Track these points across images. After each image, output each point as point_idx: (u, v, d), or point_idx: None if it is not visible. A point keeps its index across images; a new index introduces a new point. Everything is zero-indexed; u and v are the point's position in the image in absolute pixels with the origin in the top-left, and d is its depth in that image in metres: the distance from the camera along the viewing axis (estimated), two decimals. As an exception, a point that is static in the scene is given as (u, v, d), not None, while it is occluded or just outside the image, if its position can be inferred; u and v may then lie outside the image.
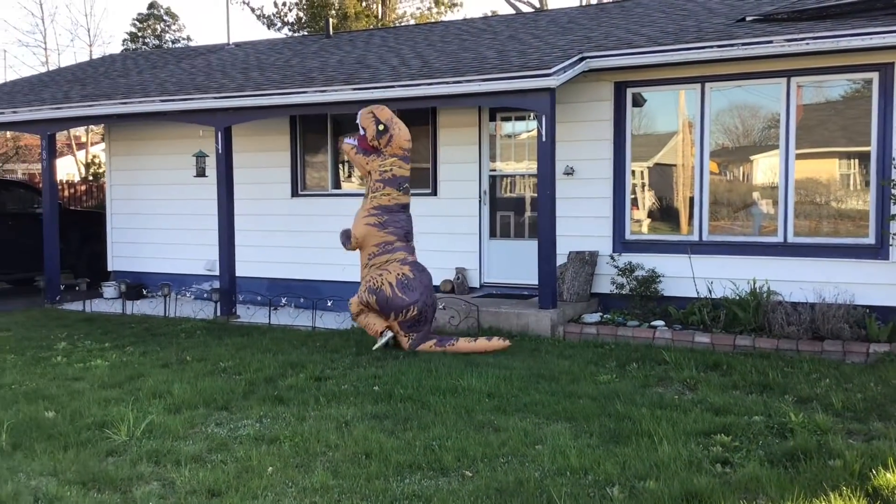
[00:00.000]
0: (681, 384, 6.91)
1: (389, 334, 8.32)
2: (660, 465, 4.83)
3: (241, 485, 4.60)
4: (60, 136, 22.90)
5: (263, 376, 7.23)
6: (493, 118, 11.00)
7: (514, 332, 9.08)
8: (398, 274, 8.28)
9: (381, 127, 8.38)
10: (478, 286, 10.93)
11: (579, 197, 10.23)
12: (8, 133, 20.95)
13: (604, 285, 10.05)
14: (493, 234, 11.00)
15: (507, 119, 11.07)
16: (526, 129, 11.02)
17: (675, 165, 10.13)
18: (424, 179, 11.33)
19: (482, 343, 8.23)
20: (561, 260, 9.94)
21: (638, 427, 5.56)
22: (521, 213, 10.94)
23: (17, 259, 13.55)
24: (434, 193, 11.20)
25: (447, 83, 9.54)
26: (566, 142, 10.14)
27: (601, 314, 9.60)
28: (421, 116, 11.23)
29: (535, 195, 10.03)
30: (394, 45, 12.92)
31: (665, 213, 10.23)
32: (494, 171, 11.01)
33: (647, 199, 10.29)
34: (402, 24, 29.78)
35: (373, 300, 8.29)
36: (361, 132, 8.52)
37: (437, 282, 10.95)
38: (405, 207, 8.60)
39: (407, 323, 8.28)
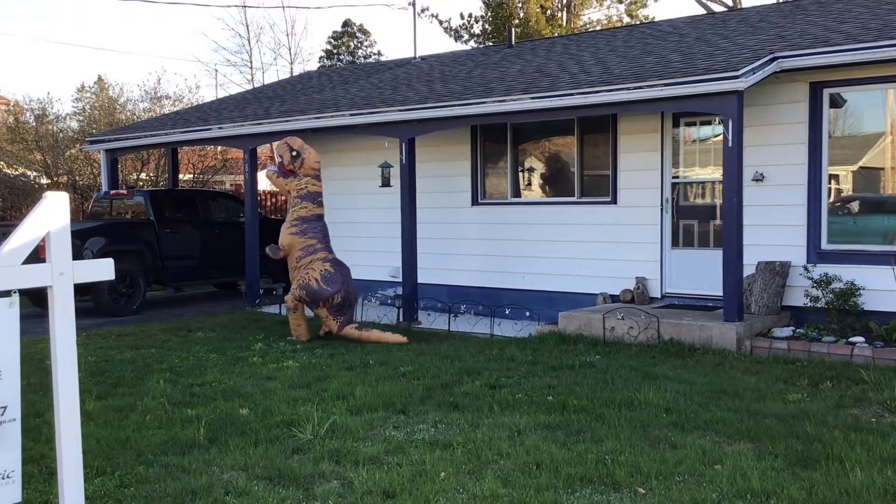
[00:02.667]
0: (880, 406, 6.40)
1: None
2: (850, 493, 4.49)
3: (414, 488, 4.72)
4: (264, 149, 24.46)
5: (440, 382, 7.39)
6: (676, 123, 10.68)
7: (696, 345, 8.76)
8: (321, 270, 9.81)
9: (293, 153, 10.02)
10: (658, 296, 10.64)
11: (769, 204, 9.72)
12: (218, 147, 22.66)
13: (796, 298, 9.49)
14: (675, 243, 10.67)
15: (692, 124, 10.71)
16: (711, 133, 10.61)
17: (882, 169, 9.41)
18: (604, 188, 11.18)
19: (387, 335, 9.74)
20: (749, 270, 9.48)
21: (829, 451, 5.21)
22: (705, 221, 10.54)
23: (223, 264, 14.60)
24: (614, 202, 11.02)
25: (627, 89, 9.36)
26: (755, 147, 9.67)
27: (793, 328, 9.06)
28: (600, 123, 11.09)
29: (721, 202, 9.63)
30: (575, 53, 12.85)
31: (868, 221, 9.52)
32: (677, 177, 10.68)
33: (849, 206, 9.61)
34: (586, 30, 29.53)
35: (304, 294, 9.78)
36: (279, 159, 10.08)
37: (616, 291, 10.78)
38: (320, 217, 10.18)
39: (333, 309, 9.80)
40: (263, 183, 29.39)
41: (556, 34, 27.77)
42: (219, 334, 10.39)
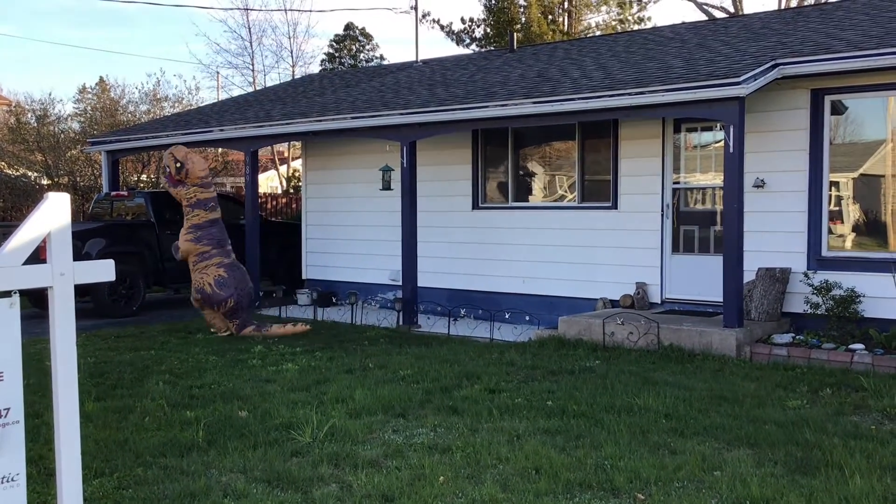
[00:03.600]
0: (880, 413, 6.40)
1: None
2: (850, 500, 4.49)
3: (413, 492, 4.72)
4: (265, 152, 24.50)
5: (440, 386, 7.38)
6: (677, 129, 10.69)
7: (696, 350, 8.76)
8: (215, 276, 10.18)
9: (178, 164, 10.26)
10: (659, 302, 10.63)
11: (770, 211, 9.72)
12: (218, 149, 22.68)
13: (796, 304, 9.49)
14: (675, 249, 10.67)
15: (693, 130, 10.72)
16: (713, 139, 10.62)
17: (882, 176, 9.42)
18: (604, 193, 11.18)
19: (289, 328, 10.36)
20: (749, 277, 9.48)
21: (828, 458, 5.21)
22: (706, 227, 10.54)
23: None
24: (614, 207, 11.02)
25: (629, 94, 9.37)
26: (756, 153, 9.67)
27: (793, 335, 9.06)
28: (602, 128, 11.10)
29: (722, 208, 9.64)
30: (576, 58, 12.86)
31: (868, 228, 9.53)
32: (678, 183, 10.68)
33: (849, 213, 9.62)
34: (588, 35, 29.55)
35: (199, 298, 10.19)
36: (167, 170, 10.44)
37: (616, 296, 10.77)
38: (214, 222, 10.45)
39: (228, 312, 10.18)
40: (264, 185, 29.42)
41: (558, 39, 27.81)
42: (218, 336, 10.38)
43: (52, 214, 3.11)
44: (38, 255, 3.09)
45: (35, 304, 12.81)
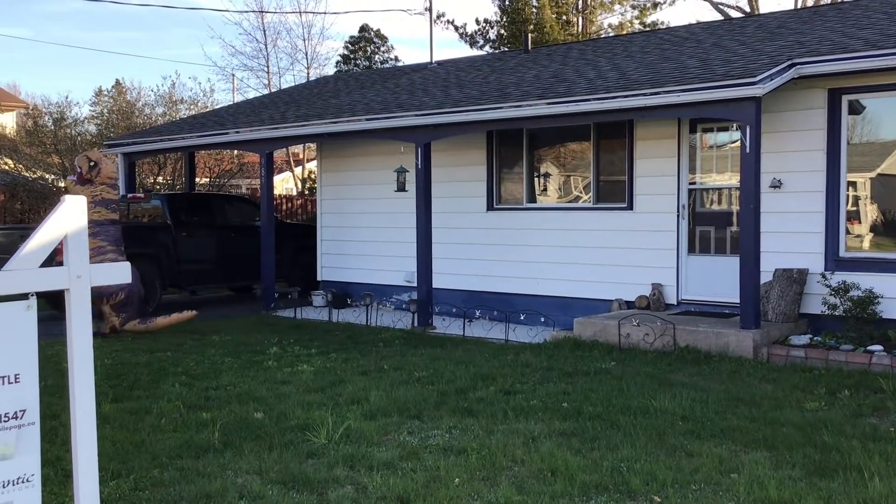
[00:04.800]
0: (899, 416, 6.34)
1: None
2: (869, 503, 4.45)
3: (428, 494, 4.71)
4: (280, 153, 24.61)
5: (455, 387, 7.37)
6: (693, 129, 10.64)
7: (712, 352, 8.71)
8: None
9: (91, 164, 10.85)
10: (674, 303, 10.58)
11: (787, 211, 9.66)
12: (234, 151, 22.78)
13: (813, 305, 9.42)
14: (691, 250, 10.61)
15: (709, 130, 10.66)
16: (729, 140, 10.56)
17: (900, 176, 9.34)
18: (619, 193, 11.14)
19: (174, 317, 10.89)
20: (766, 277, 9.42)
21: (846, 460, 5.16)
22: (722, 227, 10.48)
23: (239, 268, 14.65)
24: (630, 207, 10.98)
25: (644, 95, 9.33)
26: (773, 153, 9.61)
27: (810, 336, 8.99)
28: (617, 129, 11.06)
29: (738, 209, 9.58)
30: (591, 58, 12.82)
31: (886, 228, 9.45)
32: (694, 184, 10.63)
33: (867, 213, 9.55)
34: (602, 36, 29.48)
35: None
36: (78, 170, 10.99)
37: (631, 297, 10.73)
38: (114, 222, 11.01)
39: (116, 305, 10.56)
40: (279, 187, 29.50)
41: (571, 39, 27.75)
42: (234, 338, 10.41)
43: (69, 217, 3.12)
44: (54, 258, 3.10)
45: (52, 305, 12.89)
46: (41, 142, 20.77)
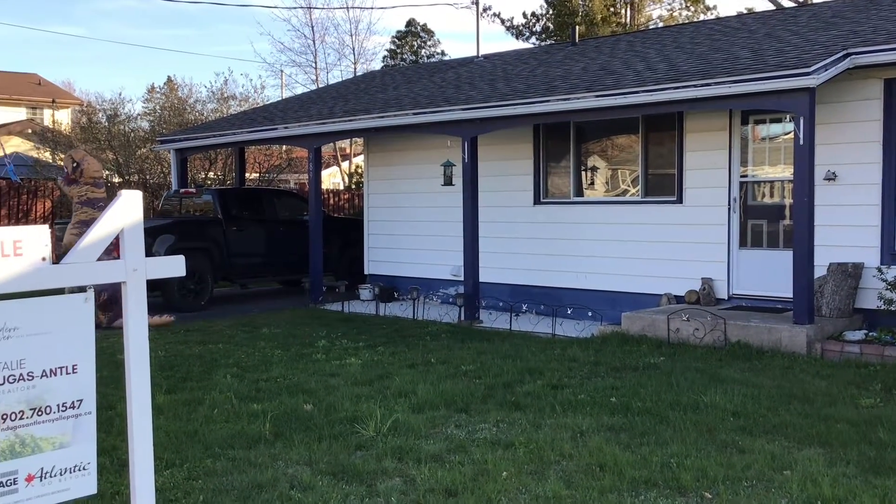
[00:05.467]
0: (959, 414, 6.17)
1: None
2: (928, 504, 4.35)
3: (476, 487, 4.72)
4: (327, 148, 24.73)
5: (502, 381, 7.37)
6: (745, 121, 10.47)
7: (764, 347, 8.57)
8: None
9: (74, 164, 10.93)
10: (725, 297, 10.43)
11: (841, 204, 9.46)
12: (283, 146, 23.02)
13: (869, 300, 9.21)
14: (743, 244, 10.45)
15: (761, 121, 10.48)
16: (782, 131, 10.37)
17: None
18: (669, 187, 11.01)
19: (154, 319, 10.54)
20: (820, 272, 9.24)
21: (904, 459, 5.05)
22: (774, 221, 10.30)
23: (287, 262, 14.82)
24: (679, 201, 10.85)
25: (695, 86, 9.21)
26: (827, 145, 9.42)
27: (865, 332, 8.80)
28: (666, 121, 10.93)
29: (791, 202, 9.41)
30: (640, 50, 12.68)
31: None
32: (745, 176, 10.46)
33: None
34: (651, 27, 29.13)
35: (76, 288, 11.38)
36: (64, 171, 11.21)
37: (681, 292, 10.61)
38: None
39: (101, 305, 10.57)
40: (326, 182, 29.73)
41: (619, 31, 27.47)
42: (283, 331, 10.54)
43: (126, 211, 3.18)
44: (110, 251, 3.17)
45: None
46: (95, 138, 21.21)
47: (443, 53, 37.01)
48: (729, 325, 8.87)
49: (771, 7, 25.91)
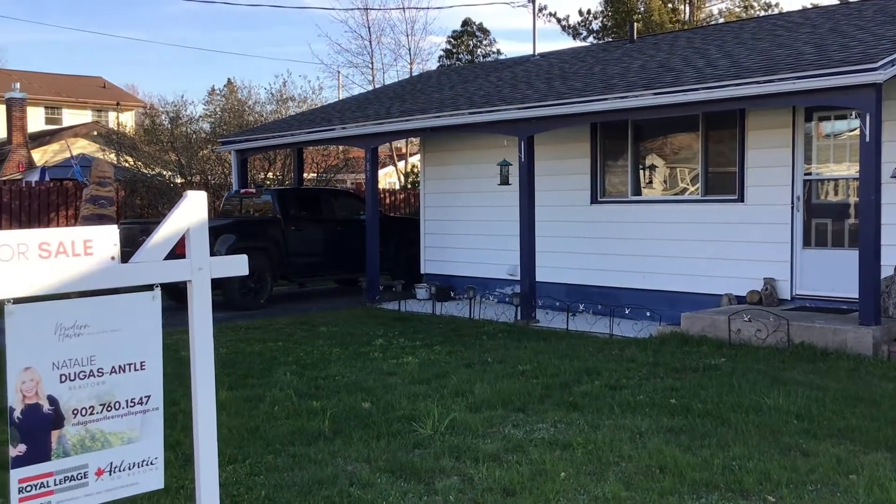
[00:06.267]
0: None
1: None
2: None
3: (534, 487, 4.71)
4: (383, 148, 24.87)
5: (559, 381, 7.34)
6: (808, 118, 10.24)
7: (829, 349, 8.38)
8: None
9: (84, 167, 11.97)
10: (788, 298, 10.22)
11: (910, 202, 9.18)
12: (340, 146, 23.23)
13: (940, 301, 8.93)
14: (807, 243, 10.22)
15: (825, 118, 10.24)
16: (847, 128, 10.12)
17: None
18: (730, 185, 10.83)
19: None
20: (887, 272, 8.99)
21: (977, 465, 4.89)
22: (840, 219, 10.05)
23: (344, 261, 14.95)
24: (741, 199, 10.66)
25: (757, 83, 9.04)
26: (894, 142, 9.15)
27: (936, 334, 8.54)
28: (727, 119, 10.75)
29: (857, 200, 9.17)
30: (700, 46, 12.49)
31: None
32: (809, 174, 10.23)
33: None
34: (710, 23, 28.66)
35: None
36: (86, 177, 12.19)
37: (742, 292, 10.43)
38: (101, 217, 11.99)
39: None
40: (382, 181, 29.91)
41: (678, 28, 27.08)
42: (341, 329, 10.65)
43: (191, 211, 3.25)
44: (173, 251, 3.24)
45: (170, 296, 13.47)
46: (158, 140, 21.67)
47: (498, 53, 36.96)
48: (792, 326, 8.69)
49: (835, 1, 25.29)
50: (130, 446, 3.20)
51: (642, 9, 29.00)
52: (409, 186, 28.10)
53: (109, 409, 3.13)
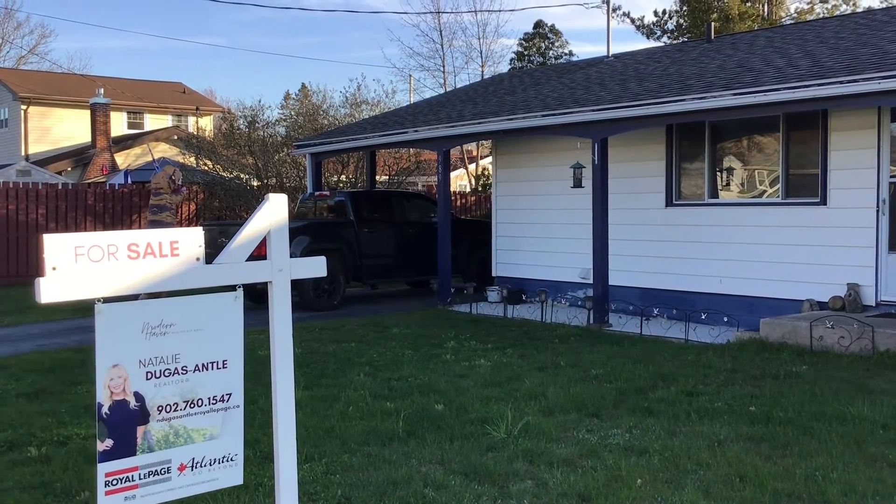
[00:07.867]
0: None
1: None
2: None
3: (610, 493, 4.65)
4: (454, 151, 24.93)
5: (633, 387, 7.24)
6: (894, 118, 9.88)
7: (917, 357, 8.05)
8: None
9: (170, 178, 13.64)
10: (873, 304, 9.87)
11: None
12: (411, 149, 23.38)
13: None
14: (892, 248, 9.85)
15: (914, 118, 9.86)
16: (937, 128, 9.72)
17: None
18: (811, 188, 10.52)
19: None
20: (980, 278, 8.61)
21: None
22: (928, 223, 9.67)
23: (416, 263, 15.03)
24: (823, 202, 10.35)
25: (840, 83, 8.78)
26: None
27: None
28: (808, 119, 10.45)
29: (948, 204, 8.81)
30: (780, 45, 12.19)
31: None
32: (895, 177, 9.87)
33: None
34: (790, 22, 27.93)
35: None
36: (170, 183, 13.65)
37: (824, 298, 10.12)
38: (153, 223, 13.29)
39: None
40: (453, 184, 29.99)
41: (757, 27, 26.46)
42: (413, 331, 10.70)
43: (272, 214, 3.31)
44: (252, 252, 3.30)
45: (248, 296, 13.73)
46: (236, 143, 22.15)
47: (570, 54, 36.68)
48: (877, 333, 8.39)
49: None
50: (212, 442, 3.27)
51: (720, 7, 28.42)
52: (480, 189, 28.10)
53: (192, 405, 3.21)
